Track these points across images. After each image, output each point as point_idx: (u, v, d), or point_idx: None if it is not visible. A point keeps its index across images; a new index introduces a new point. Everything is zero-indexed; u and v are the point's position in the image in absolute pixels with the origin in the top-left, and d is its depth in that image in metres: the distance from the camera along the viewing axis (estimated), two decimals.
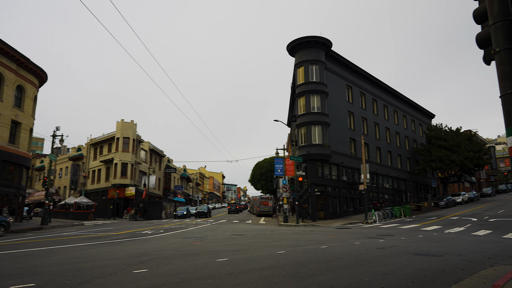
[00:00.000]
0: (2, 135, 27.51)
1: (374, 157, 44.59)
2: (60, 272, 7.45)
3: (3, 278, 6.91)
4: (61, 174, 60.74)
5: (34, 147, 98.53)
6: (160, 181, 64.05)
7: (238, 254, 10.18)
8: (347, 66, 42.57)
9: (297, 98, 37.88)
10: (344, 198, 38.66)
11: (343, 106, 41.08)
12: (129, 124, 50.49)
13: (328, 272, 7.09)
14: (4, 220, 21.40)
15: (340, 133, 39.00)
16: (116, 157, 48.85)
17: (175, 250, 11.21)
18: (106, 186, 50.95)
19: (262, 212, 47.14)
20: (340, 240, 14.29)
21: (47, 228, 27.54)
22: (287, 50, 39.01)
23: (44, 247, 13.27)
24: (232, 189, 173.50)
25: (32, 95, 31.51)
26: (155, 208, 47.05)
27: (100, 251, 11.39)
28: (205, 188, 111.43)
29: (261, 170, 72.90)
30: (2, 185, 27.26)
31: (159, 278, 6.69)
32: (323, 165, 36.86)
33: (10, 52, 27.82)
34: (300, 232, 19.53)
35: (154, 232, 20.73)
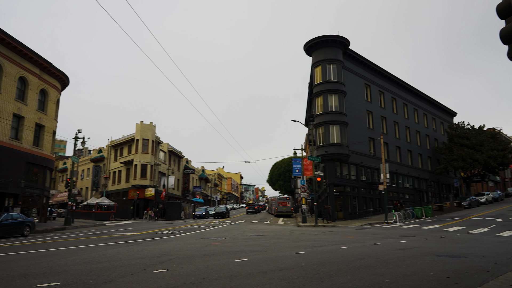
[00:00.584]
0: (27, 138, 28.34)
1: (394, 156, 43.89)
2: (83, 272, 7.62)
3: (29, 277, 7.12)
4: (83, 175, 62.13)
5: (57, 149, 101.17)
6: (179, 182, 64.74)
7: (257, 254, 10.19)
8: (365, 64, 42.06)
9: (315, 97, 37.65)
10: (364, 198, 38.18)
11: (362, 105, 40.60)
12: (148, 125, 51.24)
13: (348, 273, 7.01)
14: (29, 221, 22.06)
15: (358, 132, 38.55)
16: (136, 159, 49.64)
17: (194, 250, 11.31)
18: (126, 187, 51.83)
19: (280, 213, 47.04)
20: (360, 240, 14.13)
21: (70, 228, 28.22)
22: (304, 49, 38.82)
23: (67, 247, 13.61)
24: (250, 190, 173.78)
25: (55, 99, 32.35)
26: (174, 208, 47.56)
27: (122, 251, 11.59)
28: (223, 189, 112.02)
29: (279, 170, 72.80)
30: (27, 187, 28.07)
31: (179, 278, 6.76)
32: (342, 165, 36.51)
33: (33, 57, 28.65)
34: (319, 233, 19.41)
35: (173, 232, 20.96)
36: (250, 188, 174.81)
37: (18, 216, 21.58)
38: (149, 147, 50.53)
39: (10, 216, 20.78)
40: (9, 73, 26.50)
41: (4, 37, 25.49)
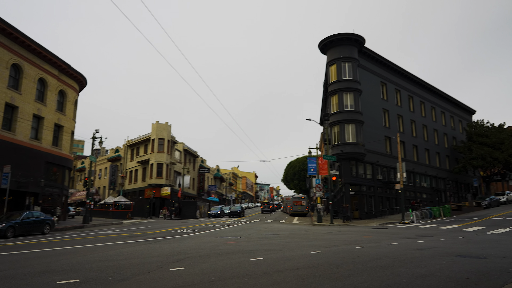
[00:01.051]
0: (46, 138, 28.98)
1: (411, 155, 43.25)
2: (101, 269, 7.76)
3: (50, 274, 7.29)
4: (100, 174, 63.20)
5: (75, 149, 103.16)
6: (194, 181, 65.23)
7: (272, 253, 10.19)
8: (381, 62, 41.56)
9: (330, 96, 37.40)
10: (380, 197, 37.76)
11: (378, 103, 40.14)
12: (164, 125, 51.76)
13: (364, 273, 6.95)
14: (49, 219, 22.57)
15: (374, 131, 38.13)
16: (152, 158, 50.22)
17: (210, 249, 11.38)
18: (142, 186, 52.50)
19: (295, 212, 46.92)
20: (376, 240, 13.98)
21: (89, 227, 28.75)
22: (319, 48, 38.59)
23: (86, 244, 13.87)
24: (265, 189, 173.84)
25: (73, 99, 32.98)
26: (190, 207, 47.95)
27: (139, 249, 11.75)
28: (238, 188, 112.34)
29: (294, 169, 72.61)
30: (47, 186, 28.71)
31: (195, 276, 6.82)
32: (357, 164, 36.18)
33: (52, 59, 29.27)
34: (334, 232, 19.28)
35: (189, 231, 21.13)
36: (265, 187, 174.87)
37: (39, 214, 22.10)
38: (164, 146, 51.06)
39: (31, 214, 21.30)
40: (29, 74, 27.14)
41: (24, 40, 26.11)
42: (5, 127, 24.98)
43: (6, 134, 24.79)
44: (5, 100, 24.81)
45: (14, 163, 24.20)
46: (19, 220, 19.97)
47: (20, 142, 26.02)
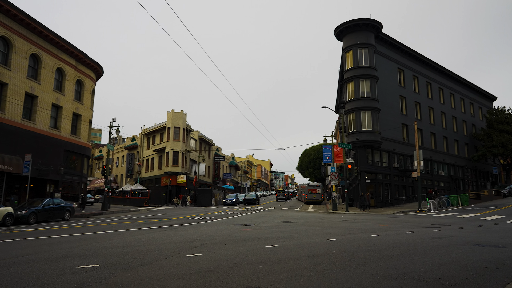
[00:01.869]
0: (65, 127, 29.55)
1: (429, 143, 42.53)
2: (121, 254, 7.95)
3: (71, 259, 7.51)
4: (118, 162, 64.29)
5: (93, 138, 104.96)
6: (210, 169, 65.75)
7: (287, 241, 10.25)
8: (398, 48, 40.67)
9: (346, 83, 36.91)
10: (396, 186, 37.38)
11: (395, 90, 39.44)
12: (179, 114, 52.10)
13: (380, 261, 6.93)
14: (69, 206, 23.16)
15: (391, 118, 37.56)
16: (168, 146, 50.75)
17: (226, 236, 11.51)
18: (159, 174, 53.23)
19: (310, 200, 46.92)
20: (392, 229, 13.89)
21: (107, 214, 29.40)
22: (335, 34, 37.97)
23: (105, 231, 14.21)
24: (279, 177, 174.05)
25: (90, 89, 33.43)
26: (205, 195, 48.46)
27: (156, 235, 11.98)
28: (253, 176, 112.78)
29: (309, 157, 72.36)
30: (67, 173, 29.38)
31: (212, 263, 6.92)
32: (374, 152, 35.80)
33: (69, 49, 29.63)
34: (350, 220, 19.24)
35: (205, 218, 21.40)
36: (280, 175, 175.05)
37: (59, 201, 22.69)
38: (180, 135, 51.48)
39: (52, 201, 21.89)
40: (48, 64, 27.57)
41: (42, 30, 26.46)
42: (25, 116, 25.55)
43: (26, 123, 25.37)
44: (25, 90, 25.32)
45: (35, 152, 24.81)
46: (41, 207, 20.56)
47: (40, 131, 26.61)
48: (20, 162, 23.56)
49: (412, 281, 5.32)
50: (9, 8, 23.56)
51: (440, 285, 5.13)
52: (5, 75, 23.68)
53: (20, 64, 24.92)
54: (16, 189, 25.84)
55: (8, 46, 24.28)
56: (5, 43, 24.09)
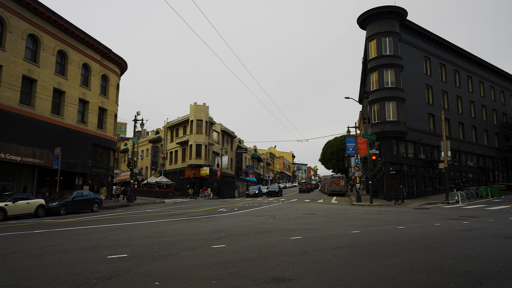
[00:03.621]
0: (92, 121, 30.32)
1: (456, 133, 41.28)
2: (147, 245, 8.13)
3: (100, 249, 7.74)
4: (142, 155, 65.59)
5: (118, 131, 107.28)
6: (232, 161, 66.16)
7: (311, 232, 10.22)
8: (424, 36, 39.44)
9: (369, 73, 36.18)
10: (422, 177, 36.56)
11: (420, 79, 38.37)
12: (202, 106, 52.51)
13: (407, 253, 6.82)
14: (97, 198, 23.84)
15: (417, 108, 36.61)
16: (191, 139, 51.33)
17: (249, 228, 11.58)
18: (182, 167, 53.99)
19: (333, 192, 46.59)
20: (419, 221, 13.63)
21: (133, 205, 30.12)
22: (358, 23, 37.18)
23: (131, 222, 14.56)
24: (302, 169, 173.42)
25: (115, 83, 34.11)
26: (229, 187, 48.84)
27: (181, 226, 12.18)
28: (276, 168, 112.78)
29: (332, 149, 71.61)
30: (94, 166, 30.22)
31: (236, 254, 6.99)
32: (398, 142, 35.07)
33: (94, 44, 30.25)
34: (374, 212, 18.99)
35: (228, 210, 21.60)
36: (302, 167, 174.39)
37: (88, 193, 23.38)
38: (203, 127, 51.94)
39: (81, 193, 22.58)
40: (74, 60, 28.27)
41: (68, 27, 27.11)
42: (54, 111, 26.35)
43: (55, 118, 26.17)
44: (53, 86, 26.09)
45: (63, 145, 25.61)
46: (70, 198, 21.25)
47: (68, 125, 27.41)
48: (50, 155, 24.38)
49: (441, 274, 5.21)
50: (37, 6, 24.22)
51: (470, 278, 5.01)
52: (34, 71, 24.45)
53: (48, 60, 25.66)
54: (47, 182, 26.80)
55: (37, 44, 25.02)
56: (33, 40, 24.83)
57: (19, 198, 18.48)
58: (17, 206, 18.04)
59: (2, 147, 20.88)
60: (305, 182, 74.08)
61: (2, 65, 22.06)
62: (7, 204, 17.54)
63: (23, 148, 22.48)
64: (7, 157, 21.15)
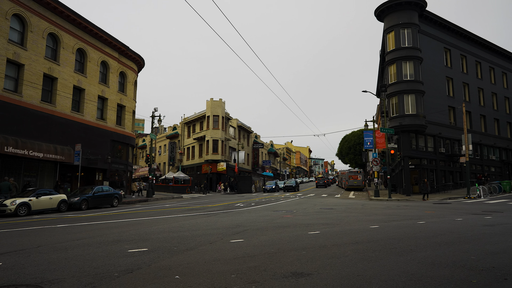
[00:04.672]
0: (111, 118, 30.82)
1: (478, 126, 40.26)
2: (167, 239, 8.24)
3: (121, 243, 7.89)
4: (160, 151, 66.39)
5: (136, 128, 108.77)
6: (249, 157, 66.29)
7: (329, 227, 10.17)
8: (444, 26, 38.48)
9: (387, 66, 35.57)
10: (442, 171, 35.86)
11: (440, 71, 37.51)
12: (218, 102, 52.71)
13: (428, 249, 6.71)
14: (117, 193, 24.28)
15: (436, 101, 35.85)
16: (208, 135, 51.65)
17: (267, 222, 11.61)
18: (199, 162, 54.43)
19: (351, 186, 46.20)
20: (439, 215, 13.39)
21: (152, 200, 30.55)
22: (375, 15, 36.56)
23: (151, 216, 14.78)
24: (319, 163, 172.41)
25: (133, 80, 34.54)
26: (245, 182, 49.01)
27: (199, 221, 12.30)
28: (292, 163, 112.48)
29: (349, 143, 70.90)
30: (113, 162, 30.76)
31: (254, 248, 7.01)
32: (418, 136, 34.44)
33: (112, 42, 30.66)
34: (393, 207, 18.75)
35: (245, 205, 21.68)
36: (319, 161, 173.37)
37: (108, 188, 23.83)
38: (219, 123, 52.17)
39: (101, 188, 23.04)
40: (93, 58, 28.73)
41: (87, 25, 27.54)
42: (74, 108, 26.89)
43: (75, 115, 26.71)
44: (73, 83, 26.60)
45: (84, 142, 26.13)
46: (91, 194, 21.71)
47: (88, 122, 27.94)
48: (71, 152, 24.93)
49: (463, 270, 5.11)
50: (56, 5, 24.68)
51: (494, 274, 4.89)
52: (55, 69, 24.97)
53: (68, 58, 26.15)
54: (68, 177, 27.43)
55: (57, 42, 25.52)
56: (53, 39, 25.33)
57: (42, 193, 18.98)
58: (41, 201, 18.55)
59: (26, 144, 21.46)
60: (322, 177, 73.76)
61: (24, 64, 22.61)
62: (31, 199, 18.06)
63: (45, 145, 23.05)
64: (30, 153, 21.72)
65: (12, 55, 21.85)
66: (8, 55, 21.58)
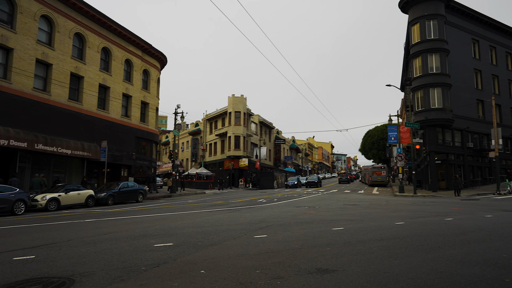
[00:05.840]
0: (135, 115, 31.41)
1: (508, 119, 38.80)
2: (191, 234, 8.35)
3: (147, 237, 8.05)
4: (183, 147, 67.24)
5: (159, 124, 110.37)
6: (271, 152, 66.27)
7: (353, 223, 10.05)
8: (472, 17, 37.18)
9: (412, 59, 34.71)
10: (470, 167, 34.80)
11: (468, 63, 36.31)
12: (240, 98, 52.83)
13: (456, 246, 6.53)
14: (141, 189, 24.79)
15: (464, 94, 34.75)
16: (229, 131, 51.91)
17: (290, 218, 11.58)
18: (222, 158, 54.81)
19: (374, 182, 45.52)
20: (467, 212, 13.01)
21: (175, 196, 31.02)
22: (399, 7, 35.69)
23: (175, 212, 15.01)
24: (341, 159, 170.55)
25: (156, 78, 35.05)
26: (267, 178, 49.06)
27: (223, 217, 12.40)
28: (314, 158, 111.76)
29: (372, 138, 69.86)
30: (138, 159, 31.37)
31: (278, 244, 7.01)
32: (444, 131, 33.52)
33: (136, 40, 31.17)
34: (419, 203, 18.36)
35: (268, 200, 21.70)
36: (342, 157, 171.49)
37: (133, 184, 24.38)
38: (241, 119, 52.32)
39: (126, 184, 23.58)
40: (117, 57, 29.31)
41: (111, 24, 28.09)
42: (100, 106, 27.54)
43: (101, 112, 27.36)
44: (99, 82, 27.22)
45: (109, 139, 26.74)
46: (117, 189, 22.25)
47: (113, 119, 28.56)
48: (97, 148, 25.57)
49: (495, 268, 4.95)
50: (82, 5, 25.27)
51: None
52: (81, 68, 25.61)
53: (93, 57, 26.78)
54: (95, 174, 28.17)
55: (83, 42, 26.16)
56: (79, 39, 25.97)
57: (71, 189, 19.60)
58: (69, 197, 19.16)
59: (54, 141, 22.15)
60: (345, 172, 72.91)
61: (52, 63, 23.29)
62: (60, 194, 18.68)
63: (73, 142, 23.73)
64: (59, 150, 22.41)
65: (41, 55, 22.55)
66: (37, 55, 22.28)
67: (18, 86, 20.93)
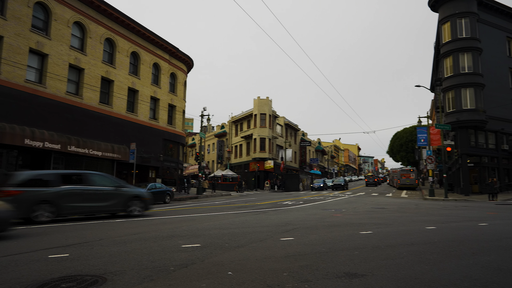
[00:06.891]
0: (162, 118, 32.02)
1: None
2: (218, 236, 8.41)
3: (175, 238, 8.17)
4: (209, 149, 67.94)
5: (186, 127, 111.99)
6: (296, 154, 65.94)
7: (382, 227, 9.84)
8: (506, 14, 35.74)
9: (442, 58, 33.72)
10: (506, 170, 33.40)
11: (503, 62, 34.92)
12: (265, 100, 52.91)
13: (492, 253, 6.27)
14: (169, 190, 25.20)
15: (498, 94, 33.42)
16: (255, 133, 52.04)
17: (317, 221, 11.47)
18: (247, 160, 55.00)
19: (403, 185, 44.45)
20: (503, 217, 12.49)
21: (202, 197, 31.37)
22: (429, 5, 34.78)
23: (202, 213, 15.17)
24: (368, 161, 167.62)
25: (182, 81, 35.62)
26: (293, 180, 48.83)
27: (249, 219, 12.43)
28: (340, 161, 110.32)
29: (401, 140, 68.23)
30: (165, 160, 31.95)
31: (305, 247, 6.95)
32: (477, 132, 32.35)
33: (163, 44, 31.81)
34: (450, 207, 17.78)
35: (294, 203, 21.59)
36: (369, 159, 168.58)
37: (160, 186, 24.82)
38: (266, 121, 52.37)
39: (154, 185, 24.03)
40: (145, 61, 30.00)
41: (140, 29, 28.79)
42: (129, 109, 28.26)
43: (130, 115, 28.06)
44: (128, 85, 27.95)
45: (137, 141, 27.39)
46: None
47: (142, 122, 29.23)
48: (127, 150, 26.23)
49: None
50: (112, 12, 26.04)
51: None
52: (111, 73, 26.38)
53: (122, 62, 27.52)
54: (124, 175, 28.88)
55: (113, 47, 26.94)
56: (110, 44, 26.77)
57: None
58: None
59: (86, 143, 22.89)
60: (372, 175, 71.58)
61: (84, 68, 24.11)
62: None
63: (103, 144, 24.44)
64: (90, 152, 23.14)
65: (74, 60, 23.38)
66: (70, 60, 23.13)
67: (52, 90, 21.79)
